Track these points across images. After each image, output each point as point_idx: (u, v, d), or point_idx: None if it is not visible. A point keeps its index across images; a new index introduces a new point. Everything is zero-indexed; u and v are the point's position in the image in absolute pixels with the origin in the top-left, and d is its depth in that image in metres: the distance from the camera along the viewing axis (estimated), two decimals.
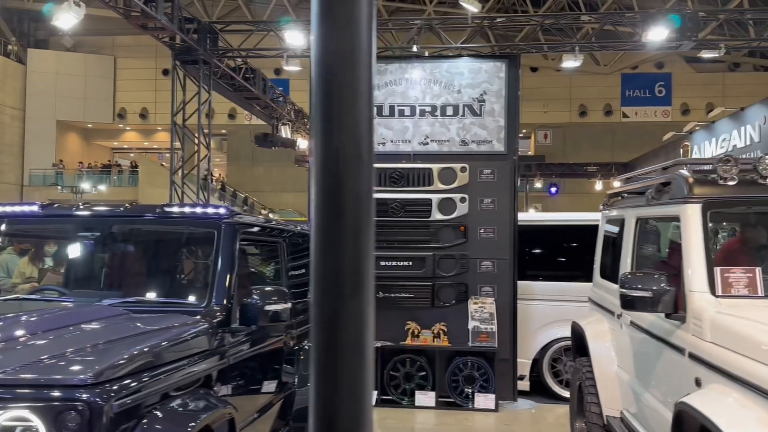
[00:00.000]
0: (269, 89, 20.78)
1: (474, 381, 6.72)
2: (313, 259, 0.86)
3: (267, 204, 31.85)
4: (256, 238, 4.54)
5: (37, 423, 2.44)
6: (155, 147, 36.03)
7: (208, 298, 3.64)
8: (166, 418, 2.87)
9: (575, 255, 7.59)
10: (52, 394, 2.52)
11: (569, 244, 7.76)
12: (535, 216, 11.40)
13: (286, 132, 22.96)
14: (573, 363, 5.34)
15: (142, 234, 4.35)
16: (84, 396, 2.51)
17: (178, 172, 16.38)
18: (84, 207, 4.44)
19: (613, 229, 5.04)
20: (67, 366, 2.68)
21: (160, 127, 32.11)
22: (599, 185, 27.63)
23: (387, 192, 6.98)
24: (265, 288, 3.81)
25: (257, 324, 3.70)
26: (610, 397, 4.42)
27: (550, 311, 7.15)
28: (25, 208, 4.19)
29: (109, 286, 4.15)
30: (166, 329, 3.26)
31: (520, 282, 7.06)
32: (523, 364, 7.18)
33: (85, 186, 28.01)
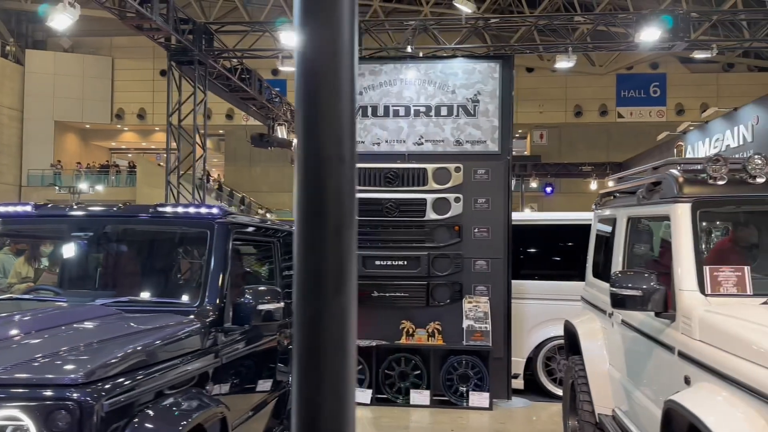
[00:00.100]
0: (265, 90, 20.75)
1: (468, 379, 6.74)
2: (296, 258, 0.86)
3: (264, 204, 31.86)
4: (250, 237, 4.55)
5: (27, 422, 2.44)
6: (153, 147, 36.00)
7: (200, 297, 3.65)
8: (157, 417, 2.87)
9: (569, 254, 7.60)
10: (43, 393, 2.52)
11: (563, 244, 7.79)
12: (530, 216, 11.43)
13: (282, 132, 22.92)
14: (566, 361, 5.36)
15: (135, 234, 4.36)
16: (74, 395, 2.52)
17: (174, 173, 16.36)
18: (77, 207, 4.44)
19: (605, 228, 5.06)
20: (58, 365, 2.68)
21: (157, 128, 32.03)
22: (594, 185, 27.69)
23: (382, 192, 7.01)
24: (258, 287, 3.82)
25: (250, 323, 3.71)
26: (602, 395, 4.44)
27: (544, 310, 7.17)
28: (18, 209, 4.19)
29: (103, 285, 4.15)
30: (158, 329, 3.26)
31: (515, 281, 7.08)
32: (518, 363, 7.20)
33: (83, 186, 27.96)
